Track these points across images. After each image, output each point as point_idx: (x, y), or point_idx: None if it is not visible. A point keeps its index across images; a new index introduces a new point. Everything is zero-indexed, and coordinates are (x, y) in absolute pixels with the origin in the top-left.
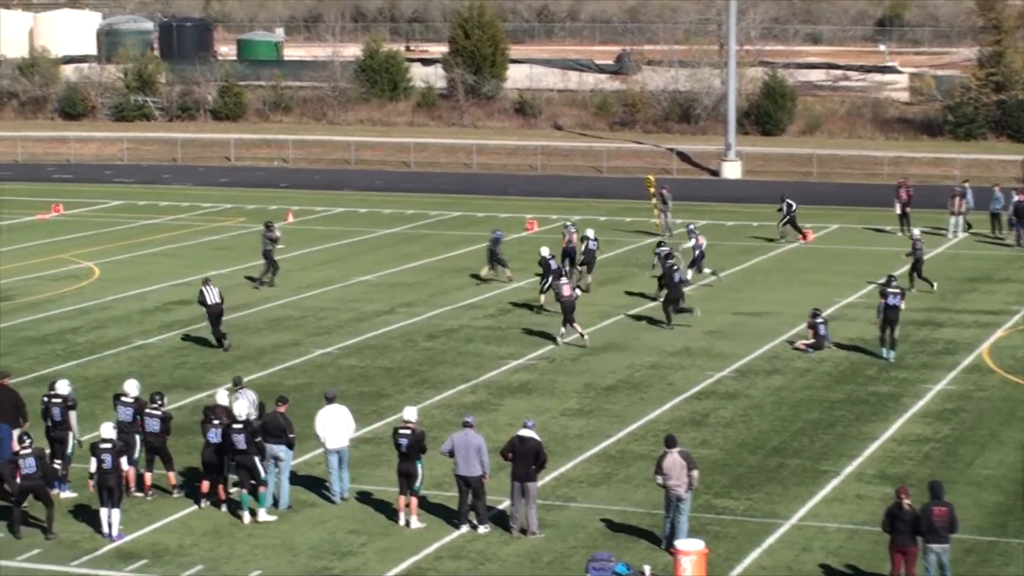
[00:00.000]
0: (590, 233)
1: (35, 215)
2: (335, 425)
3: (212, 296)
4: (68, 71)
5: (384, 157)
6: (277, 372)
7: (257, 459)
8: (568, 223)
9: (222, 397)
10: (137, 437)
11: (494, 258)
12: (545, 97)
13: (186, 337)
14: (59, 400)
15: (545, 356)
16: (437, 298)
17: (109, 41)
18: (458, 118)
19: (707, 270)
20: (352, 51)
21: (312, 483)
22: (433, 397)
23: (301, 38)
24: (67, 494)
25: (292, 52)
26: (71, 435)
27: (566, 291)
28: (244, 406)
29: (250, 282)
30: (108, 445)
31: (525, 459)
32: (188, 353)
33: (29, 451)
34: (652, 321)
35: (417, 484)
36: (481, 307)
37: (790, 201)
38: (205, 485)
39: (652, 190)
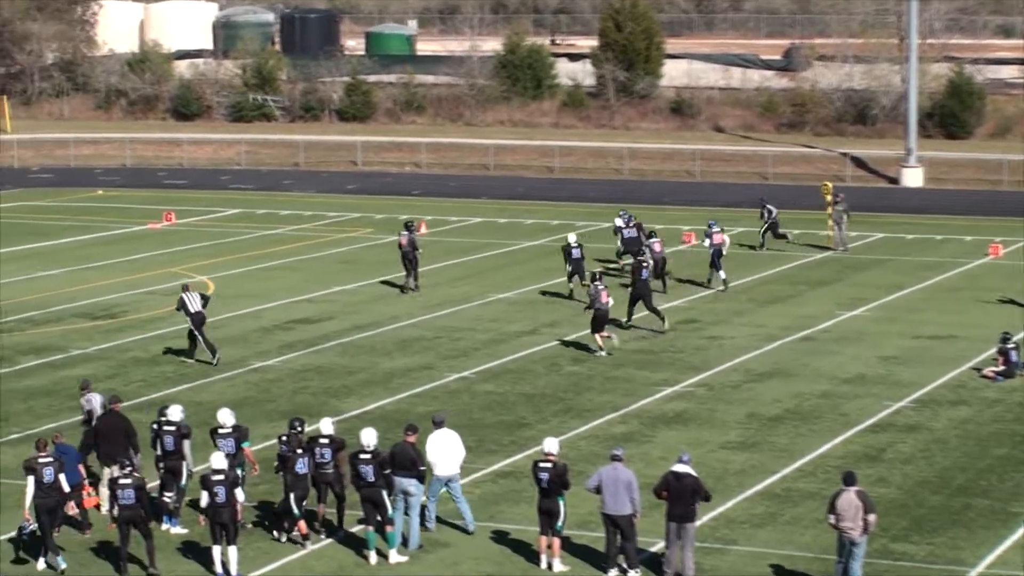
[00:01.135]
0: (572, 239)
1: (146, 224)
2: (445, 451)
3: (193, 303)
4: (181, 67)
5: (526, 162)
6: (407, 398)
7: (385, 493)
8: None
9: (327, 426)
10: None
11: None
12: (705, 96)
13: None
14: (171, 427)
15: (703, 383)
16: (584, 318)
17: (226, 34)
18: (608, 119)
19: (722, 274)
20: (492, 45)
21: (444, 520)
22: (578, 427)
23: (435, 31)
24: (177, 530)
25: (426, 46)
26: (184, 465)
27: (603, 297)
28: (372, 434)
29: (396, 289)
30: (220, 477)
31: (681, 497)
32: (310, 377)
33: (128, 481)
34: (823, 342)
35: (560, 523)
36: (632, 328)
37: (770, 207)
38: (303, 526)
39: (829, 198)
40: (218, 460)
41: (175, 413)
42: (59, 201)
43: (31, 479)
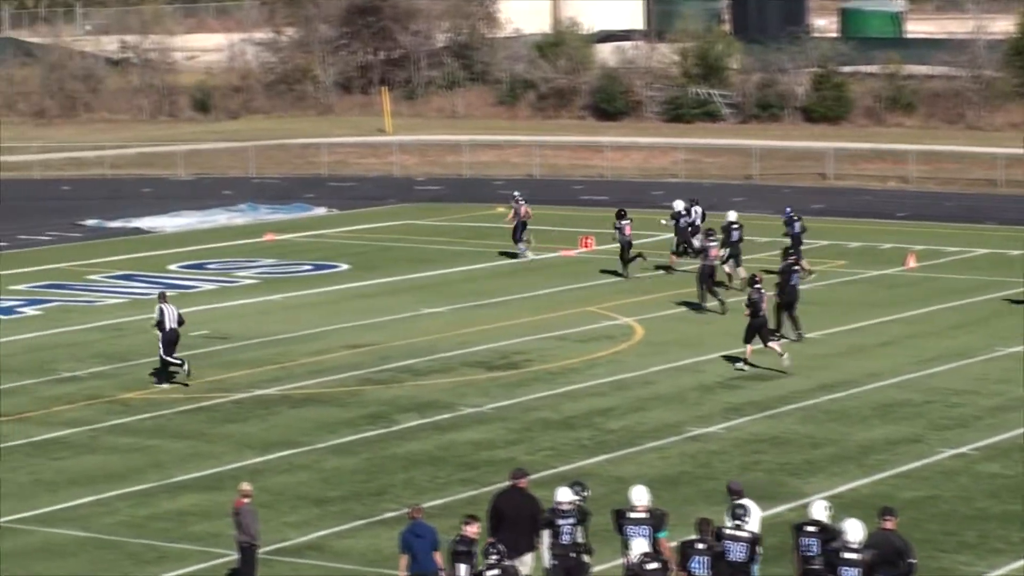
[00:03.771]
0: (732, 216)
1: (557, 251)
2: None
3: (171, 318)
4: (604, 53)
5: None
6: (887, 479)
7: None
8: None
9: (564, 494)
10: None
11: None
12: None
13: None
14: (567, 514)
15: None
16: None
17: (661, 11)
18: None
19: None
20: (1002, 26)
21: None
22: None
23: (930, 7)
24: None
25: (917, 27)
26: (583, 554)
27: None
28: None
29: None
30: (655, 566)
31: None
32: (762, 449)
33: (497, 571)
34: None
35: None
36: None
37: (734, 220)
38: None
39: None
40: (639, 544)
41: (564, 495)
42: (449, 220)
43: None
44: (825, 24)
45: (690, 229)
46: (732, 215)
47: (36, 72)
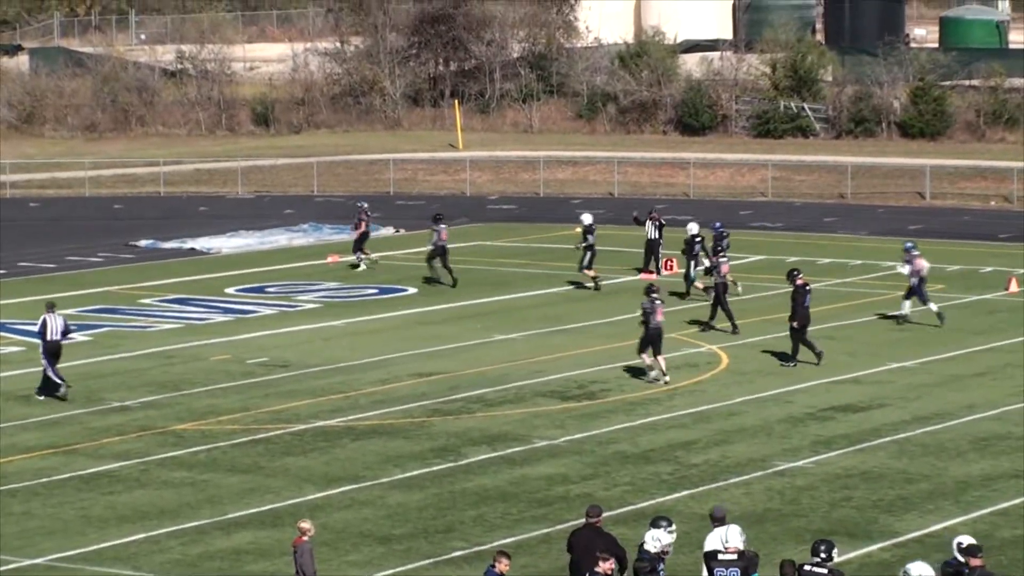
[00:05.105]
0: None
1: (638, 274)
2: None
3: (55, 328)
4: (690, 63)
5: None
6: (985, 516)
7: None
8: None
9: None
10: None
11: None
12: None
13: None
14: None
15: None
16: None
17: (751, 19)
18: None
19: (932, 306)
20: None
21: None
22: None
23: None
24: None
25: (1021, 37)
26: None
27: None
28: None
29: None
30: None
31: None
32: (853, 484)
33: None
34: None
35: None
36: None
37: (696, 233)
38: None
39: None
40: None
41: (654, 540)
42: (523, 241)
43: None
44: (924, 34)
45: (703, 252)
46: (693, 227)
47: (87, 84)
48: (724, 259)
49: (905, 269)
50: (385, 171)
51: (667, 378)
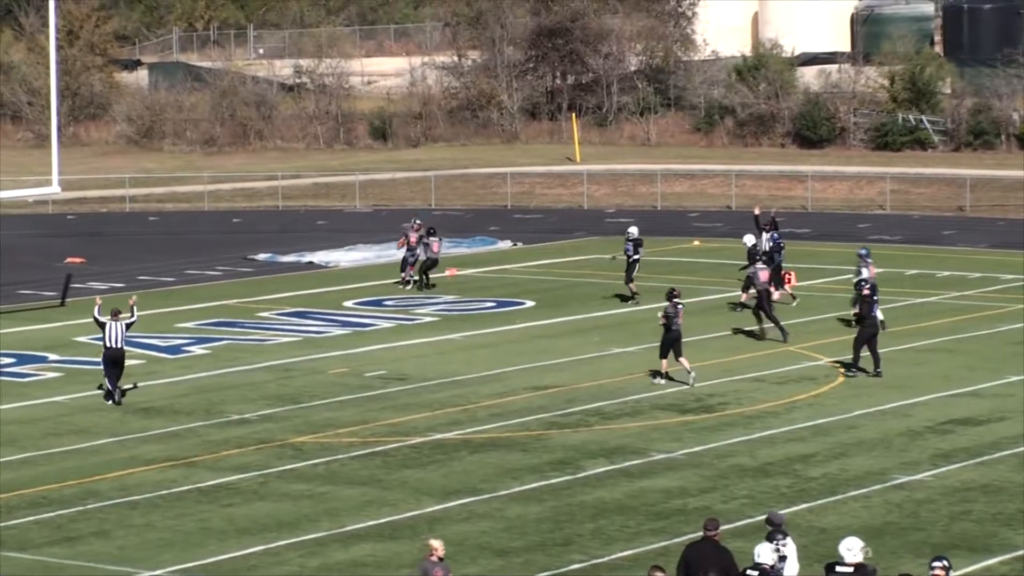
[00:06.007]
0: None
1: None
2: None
3: (114, 336)
4: (808, 76)
5: None
6: None
7: None
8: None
9: (766, 553)
10: None
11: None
12: None
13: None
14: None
15: None
16: None
17: (869, 32)
18: None
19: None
20: None
21: None
22: None
23: None
24: None
25: None
26: None
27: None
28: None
29: None
30: None
31: None
32: (973, 498)
33: None
34: None
35: None
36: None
37: (635, 235)
38: None
39: None
40: None
41: (767, 553)
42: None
43: None
44: None
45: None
46: (633, 231)
47: (206, 98)
48: (763, 267)
49: (866, 273)
50: (502, 185)
51: (694, 375)
